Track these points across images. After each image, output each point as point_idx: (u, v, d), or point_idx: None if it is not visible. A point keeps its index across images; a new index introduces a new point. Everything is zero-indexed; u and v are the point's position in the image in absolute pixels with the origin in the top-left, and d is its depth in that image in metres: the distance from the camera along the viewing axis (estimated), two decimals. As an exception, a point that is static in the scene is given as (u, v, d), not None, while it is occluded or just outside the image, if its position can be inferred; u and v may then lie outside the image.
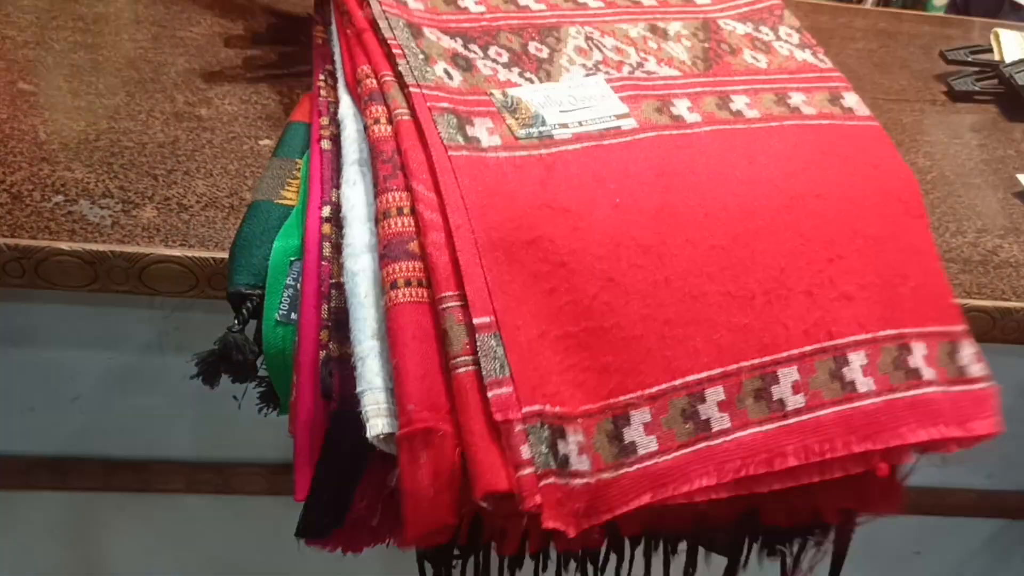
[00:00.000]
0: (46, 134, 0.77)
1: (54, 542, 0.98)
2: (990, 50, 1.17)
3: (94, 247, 0.68)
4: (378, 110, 0.62)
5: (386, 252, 0.57)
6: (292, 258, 0.65)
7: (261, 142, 0.80)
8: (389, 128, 0.61)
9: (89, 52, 0.88)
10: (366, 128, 0.62)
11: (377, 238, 0.59)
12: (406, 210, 0.58)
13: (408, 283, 0.56)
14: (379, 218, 0.59)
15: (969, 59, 1.15)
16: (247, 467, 0.93)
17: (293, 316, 0.64)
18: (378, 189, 0.59)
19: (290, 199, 0.70)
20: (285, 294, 0.65)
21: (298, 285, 0.64)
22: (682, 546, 0.69)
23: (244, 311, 0.65)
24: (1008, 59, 1.14)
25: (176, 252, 0.69)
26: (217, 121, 0.82)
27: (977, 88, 1.11)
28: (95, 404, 0.88)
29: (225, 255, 0.68)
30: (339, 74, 0.70)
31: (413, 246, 0.57)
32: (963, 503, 1.17)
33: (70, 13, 0.93)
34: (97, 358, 0.86)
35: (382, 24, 0.67)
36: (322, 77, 0.73)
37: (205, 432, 0.92)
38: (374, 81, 0.64)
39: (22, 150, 0.75)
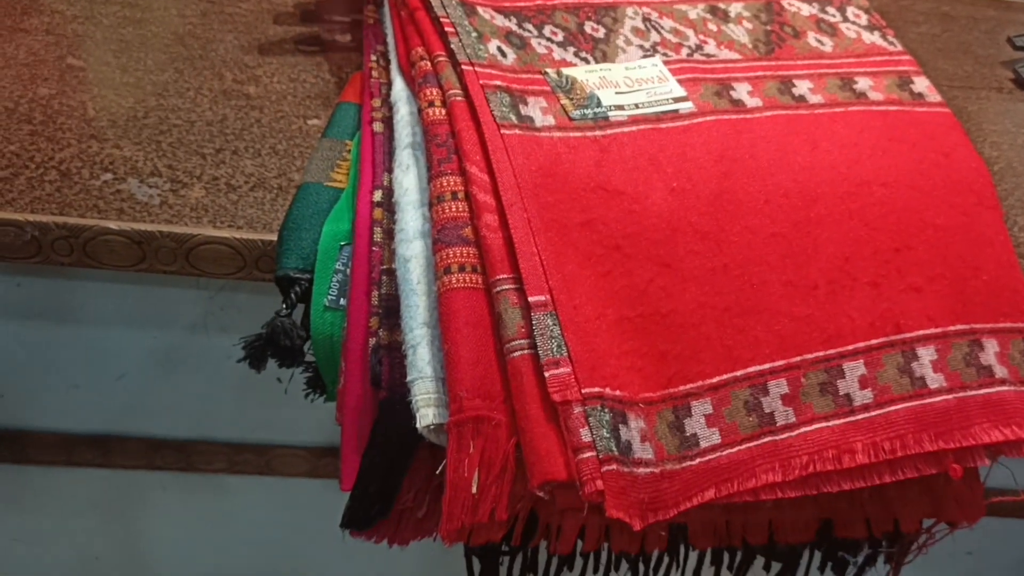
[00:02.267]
0: (95, 111, 0.77)
1: (95, 519, 0.98)
2: (1060, 35, 1.12)
3: (142, 227, 0.67)
4: (432, 92, 0.60)
5: (440, 237, 0.56)
6: (342, 243, 0.64)
7: (310, 122, 0.79)
8: (443, 111, 0.60)
9: (138, 27, 0.87)
10: (420, 111, 0.61)
11: (431, 223, 0.57)
12: (460, 195, 0.57)
13: (462, 268, 0.55)
14: (433, 202, 0.57)
15: (1038, 45, 1.11)
16: (289, 449, 0.92)
17: (342, 302, 0.63)
18: (432, 173, 0.58)
19: (340, 181, 0.69)
20: (334, 279, 0.63)
21: (347, 270, 0.63)
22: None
23: (292, 295, 0.64)
24: (1079, 45, 1.09)
25: (224, 233, 0.68)
26: (266, 100, 0.81)
27: (1046, 75, 1.07)
28: (139, 382, 0.88)
29: (273, 237, 0.67)
30: (392, 55, 0.68)
31: (468, 231, 0.56)
32: (1018, 505, 1.14)
33: (119, -12, 0.92)
34: (142, 337, 0.86)
35: (435, 2, 0.65)
36: (373, 58, 0.71)
37: (248, 413, 0.91)
38: (428, 63, 0.62)
39: (71, 126, 0.75)
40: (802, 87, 0.68)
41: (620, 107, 0.63)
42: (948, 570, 1.23)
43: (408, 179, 0.60)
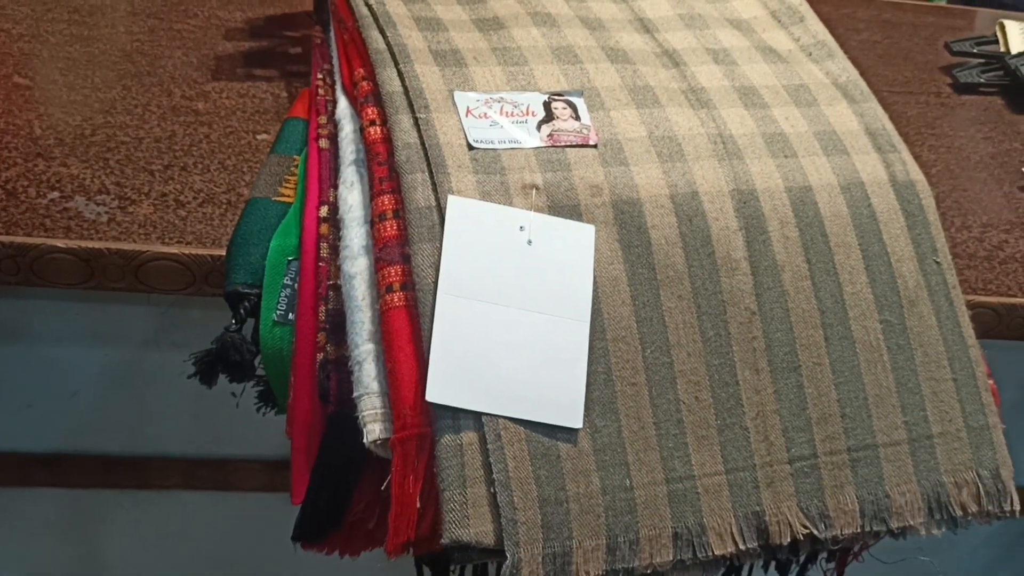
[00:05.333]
0: (41, 129, 0.77)
1: (52, 539, 0.98)
2: (996, 41, 1.15)
3: (90, 244, 0.67)
4: (373, 112, 0.61)
5: (381, 255, 0.57)
6: (290, 258, 0.64)
7: (259, 136, 0.80)
8: (384, 129, 0.61)
9: (85, 45, 0.87)
10: (362, 129, 0.62)
11: (373, 241, 0.58)
12: (401, 212, 0.58)
13: (404, 287, 0.56)
14: (375, 221, 0.58)
15: (974, 51, 1.14)
16: (246, 463, 0.93)
17: (291, 316, 0.63)
18: (373, 191, 0.59)
19: (288, 196, 0.69)
20: (283, 294, 0.64)
21: (296, 285, 0.64)
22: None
23: (241, 310, 0.65)
24: (1014, 50, 1.13)
25: (173, 249, 0.68)
26: (215, 115, 0.81)
27: (982, 80, 1.10)
28: (92, 400, 0.87)
29: (222, 252, 0.68)
30: (336, 75, 0.69)
31: (408, 249, 0.57)
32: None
33: (65, 5, 0.92)
34: (94, 354, 0.85)
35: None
36: (320, 76, 0.72)
37: (204, 428, 0.91)
38: (369, 83, 0.63)
39: (17, 145, 0.75)
40: None
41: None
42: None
43: (353, 196, 0.61)
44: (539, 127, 0.61)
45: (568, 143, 0.61)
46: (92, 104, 0.80)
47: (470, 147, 0.59)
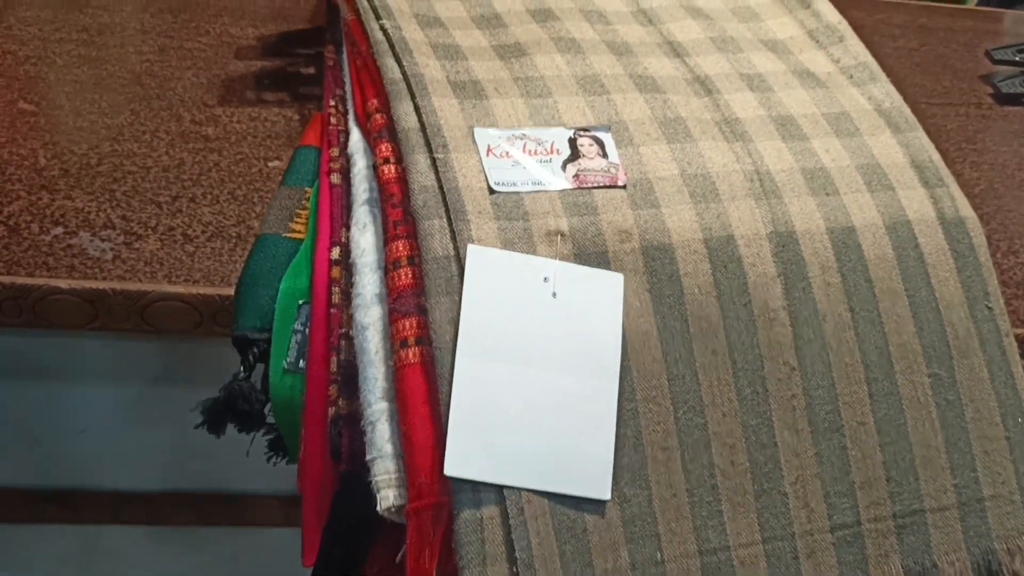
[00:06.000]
0: (46, 159, 0.74)
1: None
2: (1040, 47, 1.10)
3: (93, 285, 0.64)
4: (387, 148, 0.58)
5: (396, 306, 0.53)
6: (300, 301, 0.61)
7: (270, 164, 0.76)
8: (399, 168, 0.57)
9: (93, 67, 0.84)
10: (375, 167, 0.58)
11: (386, 289, 0.55)
12: (417, 259, 0.54)
13: (420, 341, 0.52)
14: (388, 268, 0.55)
15: (1016, 58, 1.09)
16: (262, 498, 0.90)
17: (301, 364, 0.60)
18: (387, 236, 0.55)
19: (299, 232, 0.66)
20: (293, 339, 0.61)
21: (306, 330, 0.61)
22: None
23: (250, 356, 0.62)
24: (1060, 58, 1.07)
25: (179, 289, 0.65)
26: (224, 141, 0.78)
27: (1026, 90, 1.05)
28: (102, 436, 0.85)
29: (231, 291, 0.65)
30: (349, 103, 0.65)
31: (424, 300, 0.53)
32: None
33: (74, 24, 0.89)
34: (104, 390, 0.83)
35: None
36: (332, 103, 0.68)
37: (217, 463, 0.89)
38: (383, 115, 0.59)
39: (21, 177, 0.72)
40: None
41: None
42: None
43: (365, 239, 0.57)
44: (564, 166, 0.58)
45: (595, 184, 0.57)
46: (99, 131, 0.77)
47: (491, 190, 0.55)
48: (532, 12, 0.68)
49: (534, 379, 0.52)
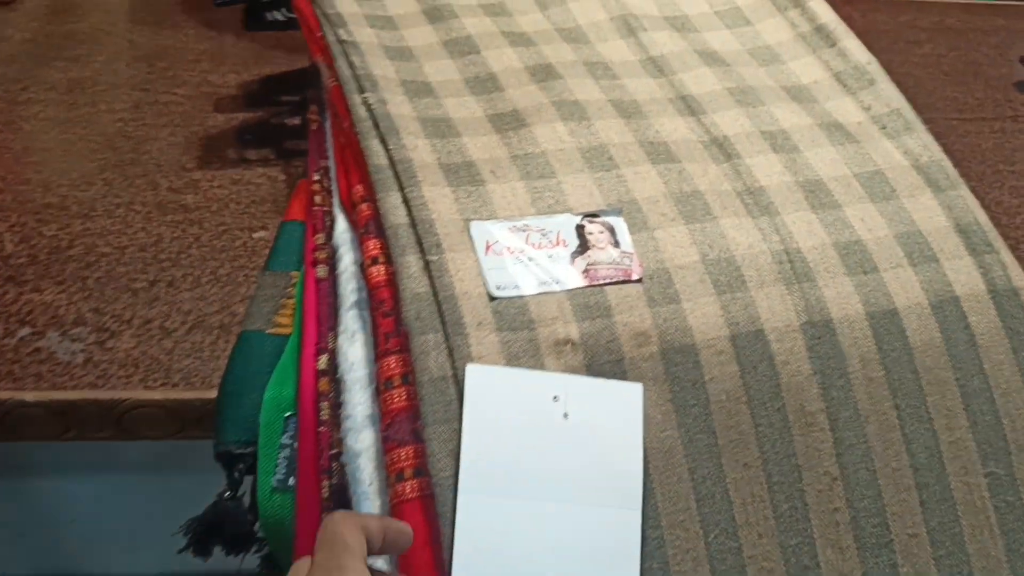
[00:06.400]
0: (13, 244, 0.68)
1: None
2: (1077, 49, 1.03)
3: (62, 396, 0.59)
4: (375, 246, 0.52)
5: (389, 433, 0.48)
6: (287, 413, 0.56)
7: (255, 235, 0.71)
8: (390, 269, 0.51)
9: (63, 131, 0.78)
10: (362, 266, 0.52)
11: (379, 411, 0.49)
12: (411, 378, 0.48)
13: (418, 472, 0.47)
14: (380, 388, 0.49)
15: (1054, 62, 1.02)
16: (263, 579, 0.85)
17: (291, 482, 0.55)
18: (378, 351, 0.50)
19: (284, 326, 0.61)
20: (281, 455, 0.55)
21: (295, 444, 0.55)
22: None
23: (236, 473, 0.56)
24: (1099, 60, 1.00)
25: (157, 395, 0.60)
26: (205, 210, 0.72)
27: (1065, 98, 0.98)
28: (92, 526, 0.80)
29: (213, 394, 0.60)
30: (333, 184, 0.59)
31: (420, 425, 0.48)
32: None
33: (42, 81, 0.83)
34: (92, 482, 0.78)
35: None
36: (317, 177, 0.62)
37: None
38: (371, 207, 0.54)
39: (-15, 266, 0.67)
40: None
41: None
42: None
43: (354, 350, 0.52)
44: (572, 259, 0.52)
45: (607, 279, 0.51)
46: (70, 207, 0.72)
47: (491, 297, 0.50)
48: (531, 70, 0.62)
49: (547, 514, 0.46)
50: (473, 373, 0.47)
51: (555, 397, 0.48)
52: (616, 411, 0.49)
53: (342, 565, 0.38)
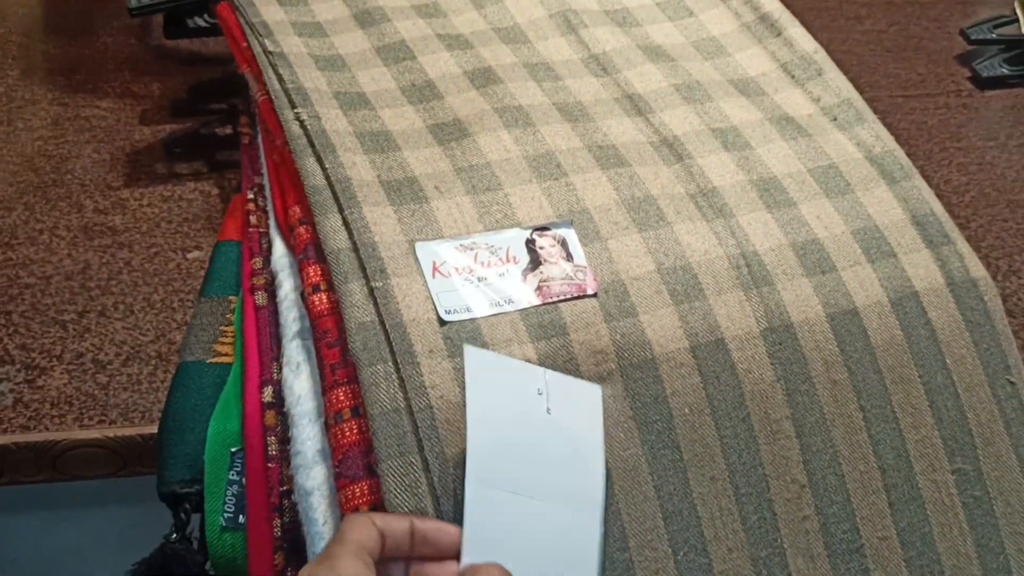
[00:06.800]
0: (-72, 278, 0.64)
1: None
2: (1016, 20, 1.03)
3: (-8, 442, 0.56)
4: (315, 272, 0.49)
5: (341, 470, 0.45)
6: (233, 449, 0.53)
7: (189, 255, 0.68)
8: (332, 297, 0.49)
9: (-23, 152, 0.74)
10: (303, 295, 0.50)
11: (329, 446, 0.47)
12: (362, 410, 0.46)
13: (374, 509, 0.45)
14: (329, 422, 0.47)
15: (993, 35, 1.01)
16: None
17: (241, 519, 0.52)
18: (325, 384, 0.47)
19: (225, 355, 0.58)
20: (229, 492, 0.53)
21: (243, 480, 0.52)
22: None
23: (183, 513, 0.54)
24: (1037, 32, 1.00)
25: (94, 434, 0.57)
26: (135, 231, 0.69)
27: (1007, 71, 0.98)
28: (36, 565, 0.77)
29: (153, 429, 0.57)
30: (269, 204, 0.56)
31: (374, 459, 0.45)
32: None
33: (-48, 99, 0.79)
34: (34, 520, 0.75)
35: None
36: (251, 195, 0.59)
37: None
38: (309, 230, 0.51)
39: (-100, 304, 0.62)
40: None
41: None
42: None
43: (300, 383, 0.49)
44: (524, 276, 0.50)
45: (561, 296, 0.49)
46: (-12, 235, 0.68)
47: (442, 322, 0.47)
48: (471, 75, 0.59)
49: (538, 513, 0.44)
50: (472, 355, 0.45)
51: (539, 391, 0.46)
52: (583, 410, 0.47)
53: (330, 554, 0.38)
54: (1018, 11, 1.03)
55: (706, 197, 0.55)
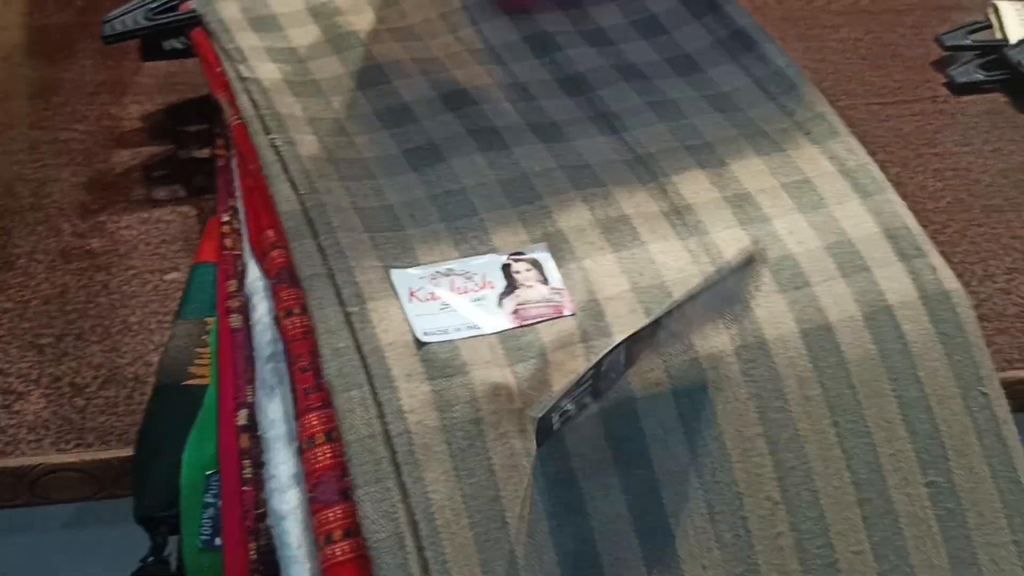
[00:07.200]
0: (-95, 304, 0.64)
1: None
2: (990, 26, 1.03)
3: (-32, 467, 0.56)
4: (289, 296, 0.49)
5: (316, 494, 0.46)
6: (208, 472, 0.53)
7: (167, 277, 0.67)
8: (305, 321, 0.49)
9: (-47, 177, 0.74)
10: (277, 320, 0.50)
11: (303, 471, 0.47)
12: (336, 435, 0.46)
13: (348, 534, 0.45)
14: (303, 447, 0.47)
15: (968, 41, 1.02)
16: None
17: (218, 541, 0.53)
18: (298, 408, 0.47)
19: (202, 377, 0.58)
20: (205, 514, 0.53)
21: (219, 502, 0.53)
22: None
23: (159, 537, 0.54)
24: (1013, 38, 1.01)
25: (71, 458, 0.57)
26: (113, 254, 0.69)
27: (982, 77, 0.98)
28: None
29: (131, 452, 0.57)
30: (243, 227, 0.57)
31: (349, 483, 0.45)
32: None
33: (-72, 123, 0.78)
34: (16, 539, 0.74)
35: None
36: (226, 218, 0.59)
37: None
38: (283, 254, 0.51)
39: None
40: None
41: None
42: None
43: (273, 407, 0.49)
44: (501, 301, 0.50)
45: (538, 318, 0.49)
46: (-35, 260, 0.68)
47: (419, 343, 0.47)
48: (445, 98, 0.59)
49: None
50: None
51: None
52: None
53: None
54: (992, 17, 1.04)
55: (680, 215, 0.56)
